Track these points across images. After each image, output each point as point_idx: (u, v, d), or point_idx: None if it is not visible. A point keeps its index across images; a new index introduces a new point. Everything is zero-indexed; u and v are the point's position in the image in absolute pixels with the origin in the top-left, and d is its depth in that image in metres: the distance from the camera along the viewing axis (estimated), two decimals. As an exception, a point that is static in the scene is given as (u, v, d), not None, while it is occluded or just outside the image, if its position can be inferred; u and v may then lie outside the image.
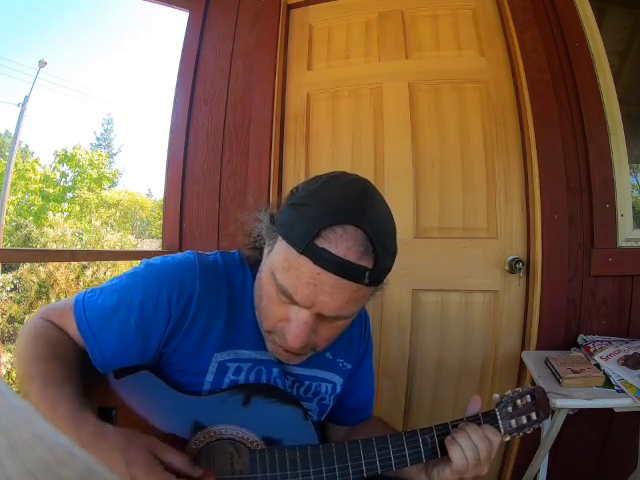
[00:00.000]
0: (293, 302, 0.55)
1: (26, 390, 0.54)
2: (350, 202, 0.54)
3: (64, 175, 12.39)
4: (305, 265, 0.52)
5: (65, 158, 12.36)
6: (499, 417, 0.64)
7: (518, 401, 0.65)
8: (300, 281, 0.53)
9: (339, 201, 0.54)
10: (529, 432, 0.65)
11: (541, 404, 0.65)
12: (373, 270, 0.53)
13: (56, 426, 0.50)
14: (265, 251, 0.62)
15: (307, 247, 0.52)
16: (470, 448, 0.59)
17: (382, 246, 0.54)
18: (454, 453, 0.59)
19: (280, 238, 0.56)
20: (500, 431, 0.63)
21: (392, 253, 0.57)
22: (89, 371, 0.60)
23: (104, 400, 0.59)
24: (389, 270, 0.58)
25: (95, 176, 12.60)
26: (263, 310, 0.62)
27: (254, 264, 0.67)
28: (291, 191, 0.61)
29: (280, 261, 0.55)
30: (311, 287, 0.53)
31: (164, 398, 0.60)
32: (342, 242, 0.52)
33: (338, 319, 0.58)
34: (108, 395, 0.59)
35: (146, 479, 0.49)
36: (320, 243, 0.52)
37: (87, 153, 12.87)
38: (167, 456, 0.52)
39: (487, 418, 0.64)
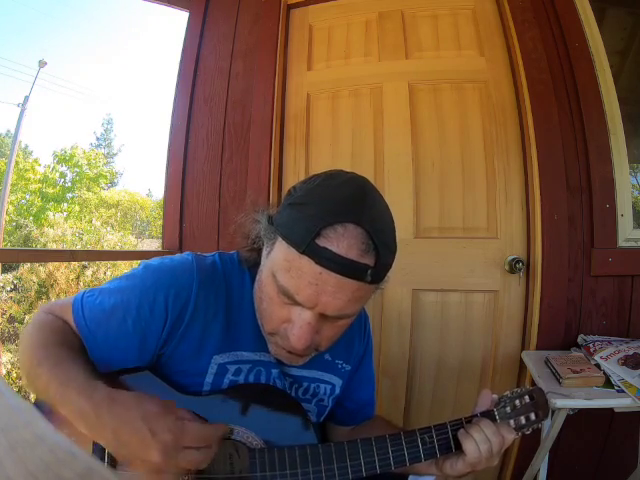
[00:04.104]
0: (295, 303, 0.55)
1: (35, 374, 0.54)
2: (350, 200, 0.54)
3: (63, 175, 12.39)
4: (306, 265, 0.52)
5: (63, 159, 12.36)
6: (497, 417, 0.64)
7: (517, 401, 0.65)
8: (302, 281, 0.53)
9: (338, 199, 0.54)
10: (528, 432, 0.65)
11: (540, 405, 0.65)
12: (375, 268, 0.53)
13: (70, 400, 0.50)
14: (264, 252, 0.61)
15: (308, 247, 0.51)
16: (484, 441, 0.60)
17: (383, 243, 0.54)
18: (468, 446, 0.60)
19: (280, 239, 0.56)
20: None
21: (392, 250, 0.57)
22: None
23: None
24: (390, 267, 0.58)
25: (92, 175, 12.60)
26: (264, 312, 0.61)
27: (253, 266, 0.67)
28: (289, 191, 0.61)
29: (281, 262, 0.55)
30: (313, 287, 0.52)
31: (164, 398, 0.60)
32: (343, 241, 0.51)
33: (341, 318, 0.57)
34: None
35: (165, 428, 0.49)
36: (321, 242, 0.51)
37: (84, 152, 12.88)
38: (178, 411, 0.53)
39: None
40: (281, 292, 0.55)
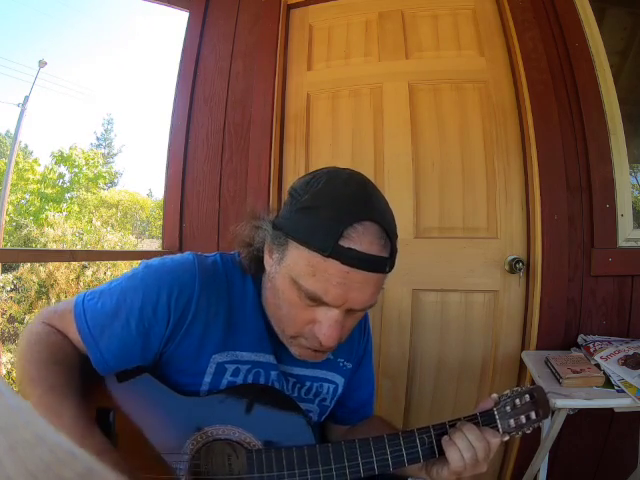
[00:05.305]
0: (322, 304, 0.56)
1: (26, 393, 0.54)
2: (360, 198, 0.57)
3: (61, 176, 12.37)
4: (333, 267, 0.53)
5: (62, 159, 12.35)
6: (497, 417, 0.63)
7: (517, 400, 0.64)
8: (330, 283, 0.54)
9: (349, 199, 0.56)
10: (528, 432, 0.65)
11: (540, 403, 0.65)
12: (391, 257, 0.57)
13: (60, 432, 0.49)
14: (270, 259, 0.61)
15: (333, 250, 0.53)
16: (467, 449, 0.58)
17: (393, 233, 0.57)
18: (451, 454, 0.59)
19: (295, 244, 0.56)
20: (499, 431, 0.63)
21: (397, 237, 0.60)
22: (89, 373, 0.60)
23: (103, 402, 0.59)
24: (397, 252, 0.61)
25: (91, 175, 12.60)
26: (284, 317, 0.61)
27: (255, 273, 0.67)
28: (290, 194, 0.61)
29: (302, 267, 0.55)
30: (342, 286, 0.54)
31: (162, 399, 0.60)
32: (365, 238, 0.54)
33: (364, 310, 0.59)
34: (107, 397, 0.59)
35: None
36: (345, 243, 0.53)
37: (83, 152, 12.87)
38: None
39: (485, 417, 0.63)
40: (307, 296, 0.56)
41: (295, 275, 0.56)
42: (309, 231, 0.55)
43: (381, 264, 0.55)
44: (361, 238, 0.53)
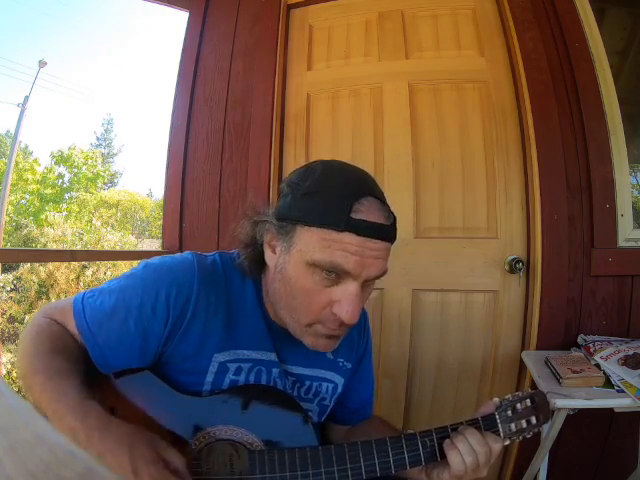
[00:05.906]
0: (340, 278, 0.57)
1: (29, 383, 0.55)
2: (358, 179, 0.62)
3: (61, 176, 12.38)
4: (348, 238, 0.56)
5: (61, 159, 12.35)
6: (499, 421, 0.63)
7: (518, 405, 0.64)
8: (348, 251, 0.56)
9: (350, 180, 0.61)
10: (529, 436, 0.65)
11: (541, 408, 0.65)
12: (394, 227, 0.61)
13: (61, 416, 0.50)
14: (274, 253, 0.62)
15: (347, 222, 0.55)
16: (469, 453, 0.58)
17: (389, 207, 0.62)
18: (453, 458, 0.59)
19: (305, 228, 0.57)
20: (500, 435, 0.62)
21: None
22: (91, 370, 0.60)
23: (104, 399, 0.59)
24: None
25: (90, 175, 12.60)
26: (300, 305, 0.61)
27: (256, 275, 0.67)
28: (288, 185, 0.62)
29: (315, 244, 0.57)
30: (359, 254, 0.56)
31: (164, 398, 0.60)
32: (373, 211, 0.58)
33: (378, 279, 0.61)
34: (108, 394, 0.59)
35: (147, 474, 0.49)
36: (356, 216, 0.56)
37: (82, 152, 12.87)
38: (168, 455, 0.53)
39: (487, 422, 0.63)
40: (326, 270, 0.57)
41: (309, 256, 0.57)
42: (319, 212, 0.57)
43: (389, 232, 0.60)
44: (369, 210, 0.57)
